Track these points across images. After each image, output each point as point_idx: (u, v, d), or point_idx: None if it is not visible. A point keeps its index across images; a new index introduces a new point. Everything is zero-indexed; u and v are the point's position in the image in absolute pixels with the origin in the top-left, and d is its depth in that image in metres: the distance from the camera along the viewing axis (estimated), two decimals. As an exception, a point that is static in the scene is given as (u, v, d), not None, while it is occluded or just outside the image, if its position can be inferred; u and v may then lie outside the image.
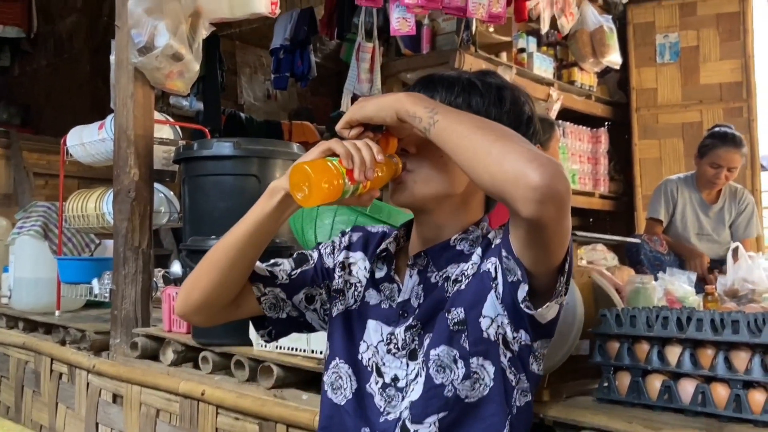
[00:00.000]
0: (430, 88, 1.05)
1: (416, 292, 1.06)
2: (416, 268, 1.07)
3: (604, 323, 1.39)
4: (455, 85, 1.05)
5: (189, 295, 1.10)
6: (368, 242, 1.17)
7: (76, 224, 2.94)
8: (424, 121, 0.91)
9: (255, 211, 1.04)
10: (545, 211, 0.81)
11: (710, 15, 4.98)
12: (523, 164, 0.81)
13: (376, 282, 1.11)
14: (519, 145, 0.84)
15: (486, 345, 0.98)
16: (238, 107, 5.88)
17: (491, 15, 2.13)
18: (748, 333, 1.23)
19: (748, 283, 2.63)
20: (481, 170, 0.85)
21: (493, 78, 1.09)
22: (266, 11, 2.57)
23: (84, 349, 2.61)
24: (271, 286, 1.14)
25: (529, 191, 0.80)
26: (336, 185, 0.92)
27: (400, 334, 1.04)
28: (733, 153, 3.33)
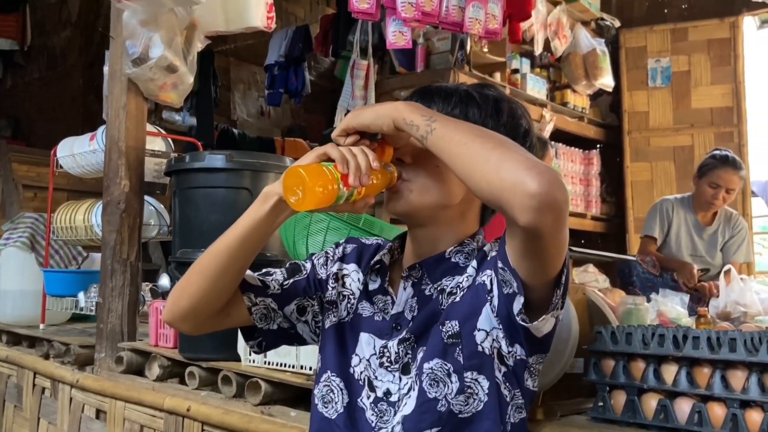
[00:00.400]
0: (427, 99, 1.05)
1: (410, 304, 1.04)
2: (410, 280, 1.05)
3: (600, 340, 1.37)
4: (452, 96, 1.04)
5: (177, 301, 1.07)
6: (362, 254, 1.15)
7: (64, 236, 2.90)
8: (421, 129, 0.91)
9: (247, 217, 1.02)
10: (543, 219, 0.80)
11: (701, 41, 5.05)
12: (522, 172, 0.80)
13: (370, 294, 1.09)
14: (517, 153, 0.84)
15: (480, 359, 0.96)
16: (231, 123, 5.87)
17: (487, 31, 2.14)
18: (745, 351, 1.21)
19: (740, 306, 2.63)
20: (478, 178, 0.84)
21: (491, 90, 1.08)
22: (262, 25, 2.57)
23: (68, 363, 2.56)
24: (262, 296, 1.12)
25: (527, 199, 0.79)
26: (330, 190, 0.90)
27: (393, 348, 1.02)
28: (732, 174, 3.36)
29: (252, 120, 6.17)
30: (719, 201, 3.42)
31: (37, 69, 6.39)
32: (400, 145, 1.01)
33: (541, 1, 4.15)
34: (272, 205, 0.99)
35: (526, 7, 2.92)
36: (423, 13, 2.07)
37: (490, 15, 2.14)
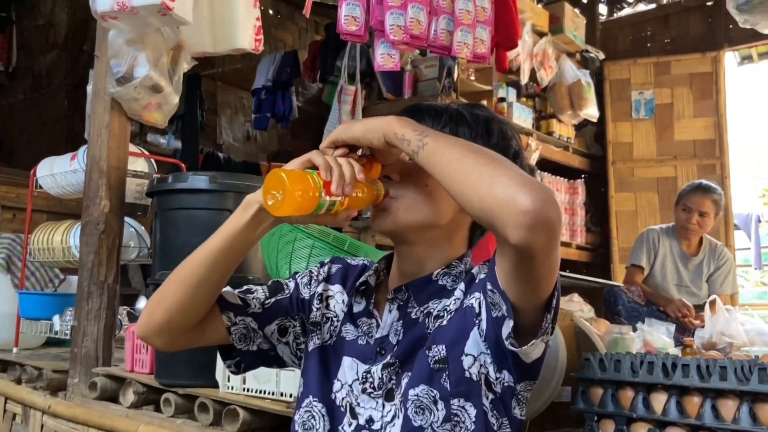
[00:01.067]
0: (417, 117, 1.02)
1: (395, 328, 1.01)
2: (396, 302, 1.02)
3: (588, 368, 1.34)
4: (442, 114, 1.03)
5: (152, 314, 1.02)
6: (347, 275, 1.12)
7: (41, 257, 2.84)
8: (412, 143, 0.89)
9: (228, 225, 0.98)
10: (535, 237, 0.78)
11: (684, 74, 5.13)
12: (514, 188, 0.78)
13: (354, 317, 1.05)
14: (510, 170, 0.82)
15: (468, 385, 0.93)
16: (217, 147, 5.84)
17: (475, 55, 2.14)
18: (736, 380, 1.19)
19: (725, 337, 2.62)
20: (470, 193, 0.82)
21: (481, 110, 1.07)
22: (249, 47, 2.55)
23: (40, 389, 2.48)
24: (242, 315, 1.08)
25: (520, 216, 0.76)
26: (311, 196, 0.87)
27: (377, 373, 0.98)
28: (702, 197, 3.45)
29: (238, 144, 6.15)
30: (694, 225, 3.47)
31: (22, 90, 6.34)
32: (389, 162, 0.99)
33: (528, 32, 4.20)
34: (253, 213, 0.95)
35: (513, 37, 2.93)
36: (411, 36, 2.07)
37: (479, 39, 2.15)
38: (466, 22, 2.07)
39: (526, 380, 0.96)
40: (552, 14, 4.60)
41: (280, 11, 6.41)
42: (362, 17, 2.13)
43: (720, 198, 3.49)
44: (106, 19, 2.27)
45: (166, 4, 2.13)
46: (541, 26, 4.46)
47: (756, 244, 8.26)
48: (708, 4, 5.32)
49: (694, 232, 3.52)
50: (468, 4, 2.09)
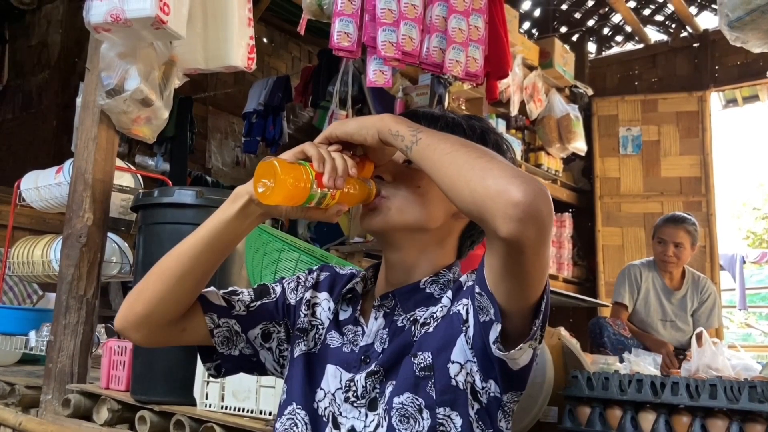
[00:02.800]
0: (413, 120, 1.02)
1: (381, 336, 0.98)
2: (382, 310, 1.00)
3: (575, 385, 1.31)
4: (438, 120, 1.02)
5: (132, 305, 0.99)
6: (335, 283, 1.10)
7: (20, 271, 2.78)
8: (406, 139, 0.88)
9: (215, 217, 0.96)
10: (525, 231, 0.76)
11: (670, 112, 5.21)
12: (506, 180, 0.77)
13: (340, 324, 1.03)
14: (503, 163, 0.81)
15: (454, 394, 0.90)
16: (205, 171, 5.83)
17: (468, 73, 2.15)
18: (726, 399, 1.17)
19: (712, 370, 2.60)
20: (462, 186, 0.81)
21: (478, 121, 1.07)
22: (242, 65, 2.56)
23: (12, 405, 2.40)
24: (226, 317, 1.05)
25: (510, 207, 0.75)
26: (302, 186, 0.86)
27: (360, 381, 0.96)
28: (674, 228, 3.45)
29: (227, 169, 6.13)
30: (670, 256, 3.47)
31: (11, 110, 6.32)
32: (382, 163, 0.99)
33: (518, 65, 4.26)
34: (241, 205, 0.93)
35: (504, 66, 2.96)
36: (403, 52, 2.08)
37: (471, 58, 2.16)
38: (459, 40, 2.09)
39: (512, 390, 0.93)
40: (542, 49, 4.67)
41: (274, 39, 6.47)
42: (355, 34, 2.15)
43: (694, 228, 3.49)
44: (99, 31, 2.26)
45: (160, 17, 2.14)
46: (531, 60, 4.53)
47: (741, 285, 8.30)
48: (694, 45, 5.44)
49: (672, 264, 3.51)
50: (461, 22, 2.12)
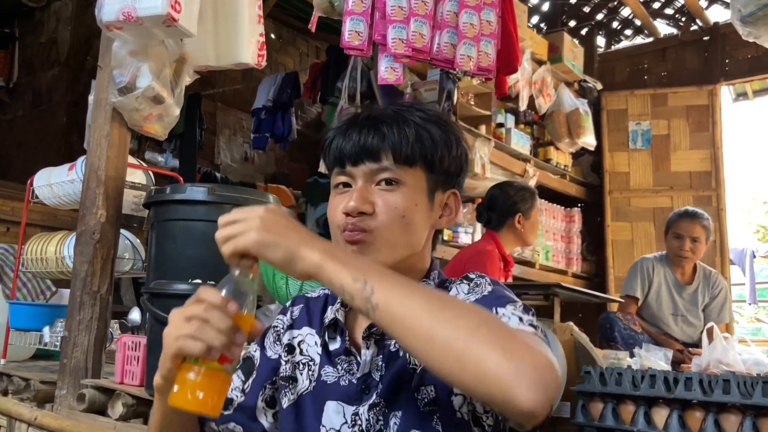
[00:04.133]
0: (377, 138, 0.95)
1: (376, 363, 0.95)
2: (372, 338, 0.96)
3: (588, 381, 1.32)
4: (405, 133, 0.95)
5: None
6: (311, 311, 1.05)
7: (34, 268, 2.80)
8: (356, 299, 0.77)
9: (157, 410, 0.93)
10: (537, 421, 0.73)
11: (680, 106, 5.18)
12: (509, 383, 0.70)
13: (331, 356, 0.99)
14: (495, 349, 0.72)
15: (459, 427, 0.89)
16: (214, 167, 5.84)
17: (480, 68, 2.15)
18: (740, 394, 1.17)
19: (722, 365, 2.60)
20: (453, 378, 0.74)
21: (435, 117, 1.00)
22: (252, 62, 2.56)
23: (27, 400, 2.42)
24: (224, 421, 1.02)
25: (520, 415, 0.71)
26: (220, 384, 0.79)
27: (364, 415, 0.93)
28: (691, 223, 3.44)
29: (236, 165, 6.15)
30: (687, 251, 3.45)
31: (21, 106, 6.35)
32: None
33: (527, 60, 4.25)
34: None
35: (513, 61, 2.96)
36: (414, 49, 2.08)
37: (483, 53, 2.15)
38: (470, 35, 2.09)
39: None
40: (551, 43, 4.66)
41: (282, 36, 6.48)
42: (365, 32, 2.15)
43: (709, 223, 3.49)
44: (111, 29, 2.28)
45: (171, 15, 2.15)
46: (540, 55, 4.52)
47: (751, 279, 8.27)
48: (704, 39, 5.41)
49: (688, 259, 3.50)
50: (473, 17, 2.11)
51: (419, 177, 0.96)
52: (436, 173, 0.97)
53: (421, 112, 0.99)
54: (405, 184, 0.94)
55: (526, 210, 2.94)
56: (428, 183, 0.97)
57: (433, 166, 0.96)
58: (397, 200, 0.93)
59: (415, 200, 0.95)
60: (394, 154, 0.94)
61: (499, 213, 2.94)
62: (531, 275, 4.37)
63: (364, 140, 0.94)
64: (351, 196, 0.94)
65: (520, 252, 4.09)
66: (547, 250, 4.71)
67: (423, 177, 0.96)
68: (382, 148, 0.94)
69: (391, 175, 0.94)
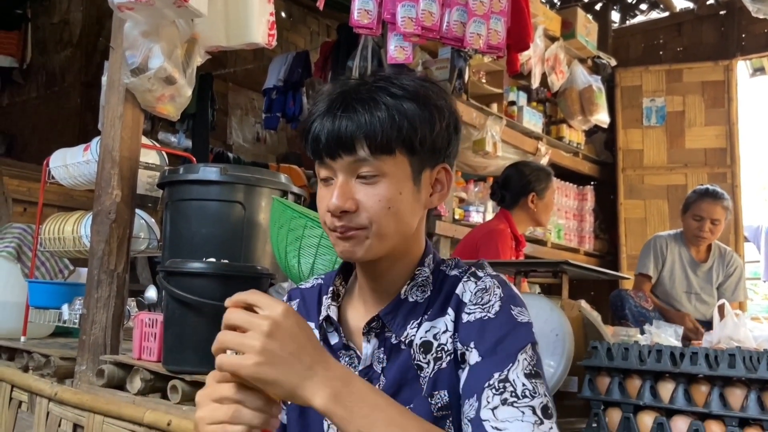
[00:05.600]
0: (351, 128, 0.89)
1: (377, 356, 0.96)
2: (372, 333, 0.96)
3: (595, 356, 1.34)
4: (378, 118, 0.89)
5: None
6: (307, 304, 1.05)
7: (52, 247, 2.86)
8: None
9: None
10: None
11: (696, 82, 5.12)
12: None
13: (333, 350, 0.99)
14: None
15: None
16: (226, 147, 5.88)
17: (489, 46, 2.14)
18: (745, 368, 1.18)
19: (734, 341, 2.61)
20: None
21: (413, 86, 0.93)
22: (263, 42, 2.57)
23: (47, 376, 2.49)
24: None
25: None
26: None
27: None
28: (714, 204, 3.40)
29: (248, 145, 6.18)
30: (706, 233, 3.42)
31: (35, 87, 6.40)
32: None
33: (540, 36, 4.21)
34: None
35: (525, 38, 2.95)
36: (423, 27, 2.08)
37: (493, 30, 2.15)
38: (480, 13, 2.08)
39: None
40: (564, 19, 4.61)
41: (293, 14, 6.46)
42: (375, 10, 2.15)
43: (729, 203, 3.46)
44: (122, 10, 2.29)
45: (182, -5, 2.16)
46: (553, 31, 4.47)
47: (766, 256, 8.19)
48: (721, 13, 5.32)
49: (706, 240, 3.49)
50: (483, -5, 2.10)
51: (401, 163, 0.91)
52: (420, 154, 0.92)
53: (396, 86, 0.92)
54: (386, 174, 0.90)
55: (540, 190, 2.95)
56: (412, 166, 0.92)
57: (414, 148, 0.91)
58: (379, 193, 0.90)
59: (399, 189, 0.91)
60: (369, 144, 0.88)
61: (513, 192, 2.95)
62: (543, 253, 4.38)
63: (337, 130, 0.89)
64: (332, 193, 0.91)
65: (532, 230, 4.09)
66: (559, 229, 4.70)
67: (405, 161, 0.91)
68: (356, 138, 0.88)
69: (370, 168, 0.89)
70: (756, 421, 1.16)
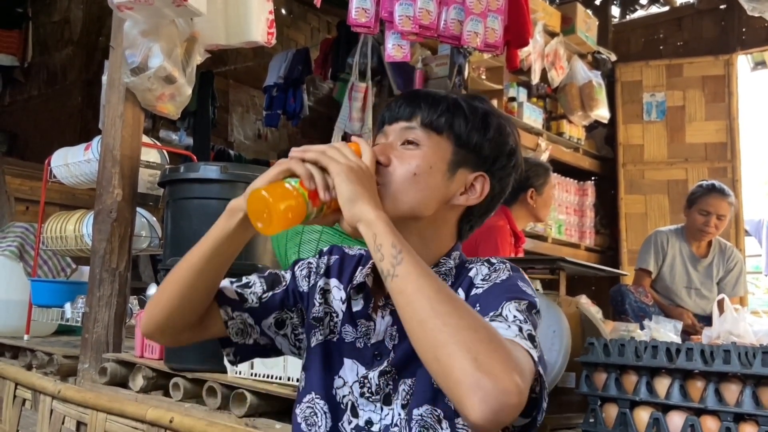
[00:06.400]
0: (413, 104, 1.01)
1: (390, 333, 0.99)
2: (388, 308, 0.99)
3: (592, 352, 1.35)
4: (440, 103, 1.01)
5: (152, 313, 1.03)
6: (344, 267, 1.09)
7: (54, 246, 2.87)
8: (385, 261, 0.84)
9: (214, 232, 0.98)
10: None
11: (696, 77, 5.11)
12: (465, 391, 0.73)
13: (353, 317, 1.03)
14: (468, 356, 0.75)
15: None
16: (227, 145, 5.89)
17: (487, 44, 2.15)
18: (740, 364, 1.19)
19: (733, 336, 2.62)
20: (427, 366, 0.79)
21: (481, 103, 1.04)
22: (262, 40, 2.58)
23: (51, 374, 2.51)
24: (239, 310, 1.07)
25: (469, 423, 0.75)
26: (298, 210, 0.86)
27: (374, 379, 0.98)
28: (720, 200, 3.39)
29: (249, 143, 6.19)
30: (711, 228, 3.42)
31: (37, 86, 6.41)
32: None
33: (539, 32, 4.21)
34: (238, 221, 0.95)
35: (524, 35, 2.94)
36: (421, 26, 2.08)
37: (490, 29, 2.15)
38: (477, 11, 2.09)
39: None
40: (564, 15, 4.60)
41: (293, 11, 6.46)
42: (372, 9, 2.15)
43: (734, 200, 3.46)
44: (122, 9, 2.30)
45: (181, -6, 2.17)
46: (553, 26, 4.47)
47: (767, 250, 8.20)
48: (721, 7, 5.31)
49: (711, 235, 3.48)
50: (479, -7, 2.11)
51: (444, 146, 0.99)
52: (466, 149, 0.99)
53: (470, 98, 1.04)
54: (426, 147, 0.98)
55: (539, 186, 2.95)
56: (454, 155, 0.99)
57: (461, 140, 0.99)
58: (413, 156, 0.97)
59: (431, 164, 0.97)
60: (423, 118, 0.99)
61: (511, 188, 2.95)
62: (543, 249, 4.39)
63: (403, 106, 1.01)
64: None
65: (532, 226, 4.10)
66: (559, 224, 4.71)
67: (449, 148, 0.99)
68: (414, 113, 0.99)
69: (414, 136, 0.98)
70: (751, 416, 1.18)
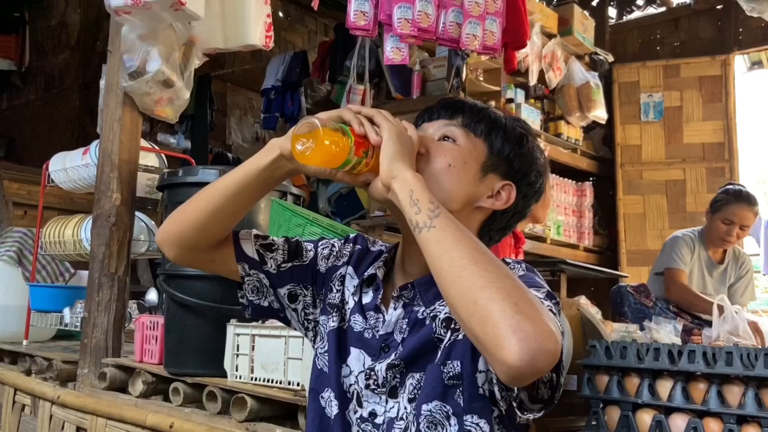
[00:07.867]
0: (456, 106, 1.04)
1: (400, 325, 0.99)
2: (401, 300, 1.00)
3: (594, 354, 1.35)
4: (482, 111, 1.04)
5: (170, 225, 1.05)
6: (363, 259, 1.10)
7: (52, 250, 2.87)
8: (421, 215, 0.85)
9: (247, 164, 1.00)
10: (522, 382, 0.77)
11: (693, 77, 5.12)
12: (504, 332, 0.73)
13: (364, 308, 1.04)
14: (508, 300, 0.76)
15: (481, 401, 0.92)
16: (226, 148, 5.89)
17: (485, 47, 2.15)
18: (742, 366, 1.19)
19: (734, 337, 2.62)
20: (461, 312, 0.79)
21: (519, 123, 1.07)
22: (260, 44, 2.58)
23: (50, 379, 2.50)
24: (257, 269, 1.08)
25: (504, 366, 0.74)
26: (341, 151, 0.87)
27: (381, 372, 0.98)
28: (747, 210, 3.25)
29: (247, 145, 6.18)
30: (733, 238, 3.28)
31: (34, 90, 6.41)
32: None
33: (537, 34, 4.21)
34: (273, 158, 0.97)
35: (521, 37, 2.94)
36: (419, 29, 2.08)
37: (488, 31, 2.15)
38: (475, 14, 2.09)
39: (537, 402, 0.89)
40: (561, 16, 4.60)
41: (290, 14, 6.46)
42: (371, 12, 2.15)
43: (759, 208, 3.32)
44: (119, 14, 2.30)
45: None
46: (550, 28, 4.47)
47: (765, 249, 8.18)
48: (717, 7, 5.32)
49: (731, 244, 3.39)
50: (478, -5, 2.11)
51: (480, 148, 1.01)
52: (498, 156, 1.02)
53: (511, 117, 1.08)
54: (463, 143, 1.01)
55: None
56: (487, 159, 1.01)
57: (496, 148, 1.02)
58: (450, 150, 0.99)
59: (466, 160, 1.00)
60: (464, 120, 1.02)
61: None
62: (542, 250, 4.38)
63: (446, 107, 1.05)
64: None
65: (531, 227, 4.09)
66: (558, 225, 4.71)
67: (484, 149, 1.02)
68: (455, 114, 1.03)
69: (453, 132, 1.01)
70: (754, 418, 1.17)
